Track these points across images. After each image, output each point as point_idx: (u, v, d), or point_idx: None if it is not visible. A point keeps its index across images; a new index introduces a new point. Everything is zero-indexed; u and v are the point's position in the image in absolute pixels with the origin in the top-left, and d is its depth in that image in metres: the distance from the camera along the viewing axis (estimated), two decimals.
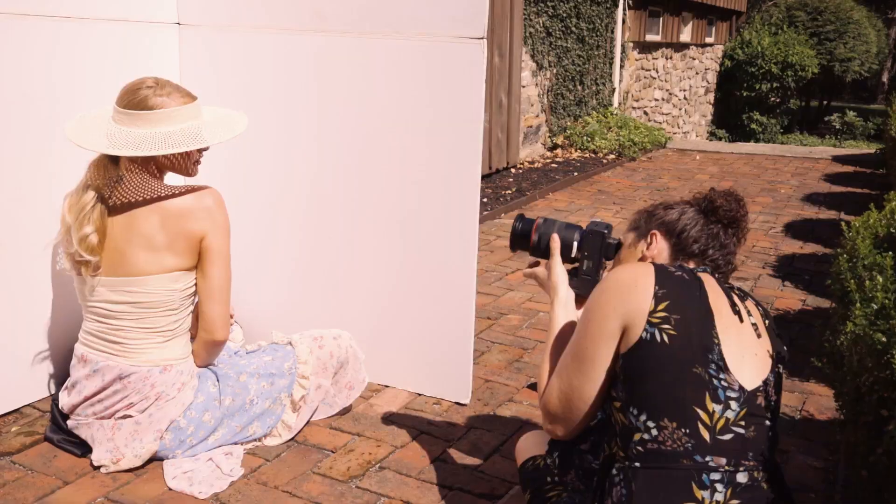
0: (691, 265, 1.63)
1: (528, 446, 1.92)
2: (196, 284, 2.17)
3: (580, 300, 1.77)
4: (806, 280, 4.15)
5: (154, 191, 2.09)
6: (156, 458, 2.19)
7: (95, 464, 2.16)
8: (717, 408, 1.40)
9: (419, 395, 2.68)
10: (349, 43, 2.51)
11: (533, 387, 2.76)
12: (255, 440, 2.30)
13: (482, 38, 2.31)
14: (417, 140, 2.48)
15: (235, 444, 2.26)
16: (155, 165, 2.13)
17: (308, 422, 2.42)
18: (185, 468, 2.15)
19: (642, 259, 1.67)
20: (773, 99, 14.08)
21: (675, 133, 12.25)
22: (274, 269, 2.81)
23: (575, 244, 1.78)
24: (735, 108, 14.08)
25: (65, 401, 2.22)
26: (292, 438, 2.35)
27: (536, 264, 1.85)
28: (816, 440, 2.46)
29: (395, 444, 2.36)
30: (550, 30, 7.94)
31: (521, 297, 3.79)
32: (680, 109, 12.55)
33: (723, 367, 1.42)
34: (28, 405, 2.51)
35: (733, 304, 1.52)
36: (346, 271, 2.69)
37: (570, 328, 1.67)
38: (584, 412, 1.53)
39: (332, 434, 2.41)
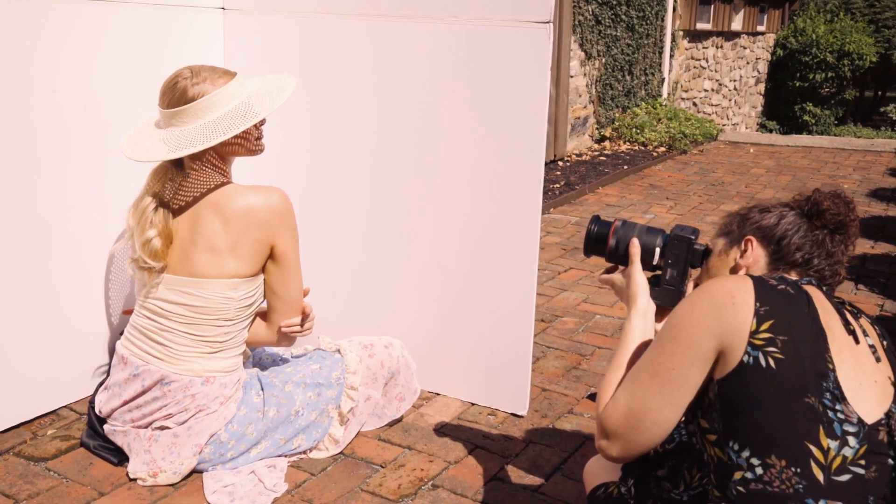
0: (793, 276, 1.44)
1: (598, 471, 1.75)
2: (267, 297, 2.11)
3: (660, 312, 1.60)
4: (881, 283, 3.88)
5: (218, 187, 2.00)
6: (195, 470, 2.07)
7: (132, 476, 2.04)
8: (833, 444, 1.21)
9: (472, 404, 2.51)
10: (403, 27, 2.35)
11: (593, 397, 2.58)
12: (300, 453, 2.16)
13: (549, 22, 2.12)
14: (477, 132, 2.31)
15: (279, 456, 2.13)
16: (217, 157, 2.01)
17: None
18: (225, 482, 2.02)
19: (735, 268, 1.50)
20: (826, 89, 13.59)
21: (724, 125, 11.89)
22: (322, 269, 2.66)
23: (657, 250, 1.60)
24: (787, 99, 13.64)
25: (102, 401, 2.13)
26: (339, 452, 2.21)
27: (613, 269, 1.68)
28: None
29: (448, 459, 2.20)
30: (600, 17, 7.69)
31: (575, 297, 3.60)
32: (730, 100, 12.18)
33: (839, 397, 1.23)
34: (65, 406, 2.41)
35: (846, 323, 1.33)
36: (398, 271, 2.53)
37: (647, 345, 1.49)
38: (654, 436, 1.35)
39: (381, 446, 2.26)
